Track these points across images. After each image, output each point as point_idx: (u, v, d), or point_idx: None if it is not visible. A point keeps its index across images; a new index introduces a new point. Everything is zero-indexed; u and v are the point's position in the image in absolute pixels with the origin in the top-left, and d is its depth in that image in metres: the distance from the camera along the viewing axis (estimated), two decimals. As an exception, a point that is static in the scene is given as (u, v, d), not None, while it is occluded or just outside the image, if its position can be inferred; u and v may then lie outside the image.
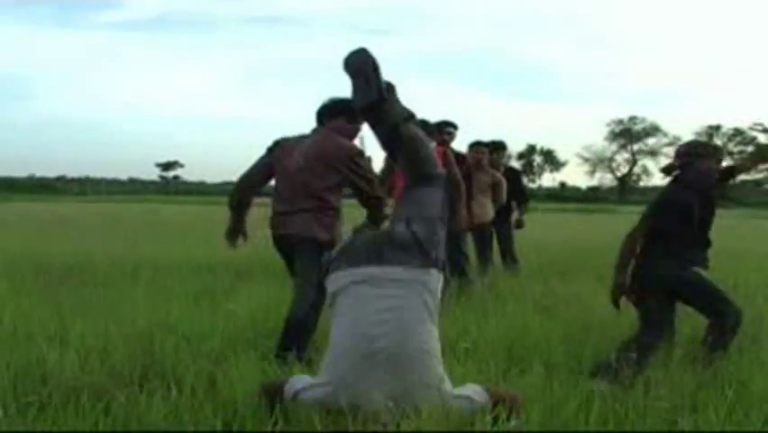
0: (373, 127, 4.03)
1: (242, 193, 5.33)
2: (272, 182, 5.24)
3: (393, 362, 3.46)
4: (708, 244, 5.21)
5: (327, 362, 3.62)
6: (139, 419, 3.67)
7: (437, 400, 3.45)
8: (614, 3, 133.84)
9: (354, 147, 5.09)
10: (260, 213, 5.90)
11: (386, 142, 4.03)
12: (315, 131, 5.17)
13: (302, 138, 5.14)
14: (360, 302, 3.60)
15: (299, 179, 4.99)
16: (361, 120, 4.95)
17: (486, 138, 9.28)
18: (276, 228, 5.14)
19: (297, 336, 4.79)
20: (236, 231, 5.39)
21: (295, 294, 4.96)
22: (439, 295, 3.75)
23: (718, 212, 5.37)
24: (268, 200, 5.32)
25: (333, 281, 3.73)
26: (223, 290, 7.41)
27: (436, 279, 3.72)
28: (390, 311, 3.54)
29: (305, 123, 5.00)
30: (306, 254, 4.92)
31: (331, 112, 5.14)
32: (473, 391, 3.61)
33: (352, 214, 5.63)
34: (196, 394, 3.92)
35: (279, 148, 5.15)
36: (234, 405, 3.80)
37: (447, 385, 3.59)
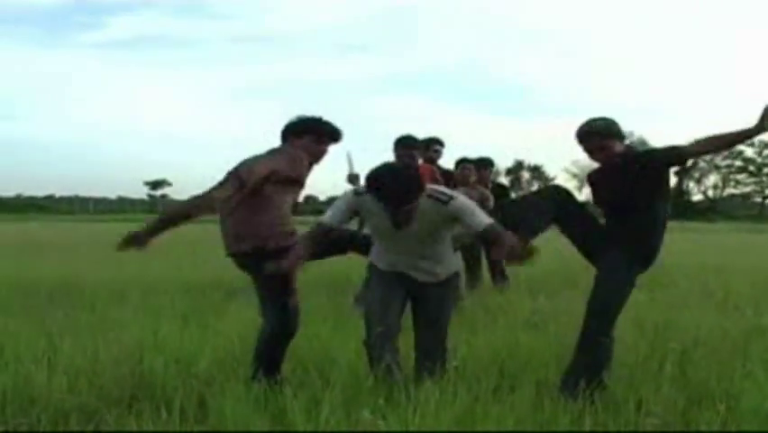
0: None
1: None
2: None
3: None
4: None
5: None
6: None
7: None
8: (596, 17, 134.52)
9: None
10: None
11: None
12: (278, 149, 4.86)
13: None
14: None
15: None
16: (328, 141, 4.90)
17: (473, 155, 9.27)
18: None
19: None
20: None
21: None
22: None
23: (706, 226, 5.35)
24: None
25: None
26: (212, 310, 7.37)
27: None
28: None
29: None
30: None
31: (297, 130, 4.88)
32: None
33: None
34: (185, 416, 3.91)
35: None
36: (225, 427, 3.78)
37: None
